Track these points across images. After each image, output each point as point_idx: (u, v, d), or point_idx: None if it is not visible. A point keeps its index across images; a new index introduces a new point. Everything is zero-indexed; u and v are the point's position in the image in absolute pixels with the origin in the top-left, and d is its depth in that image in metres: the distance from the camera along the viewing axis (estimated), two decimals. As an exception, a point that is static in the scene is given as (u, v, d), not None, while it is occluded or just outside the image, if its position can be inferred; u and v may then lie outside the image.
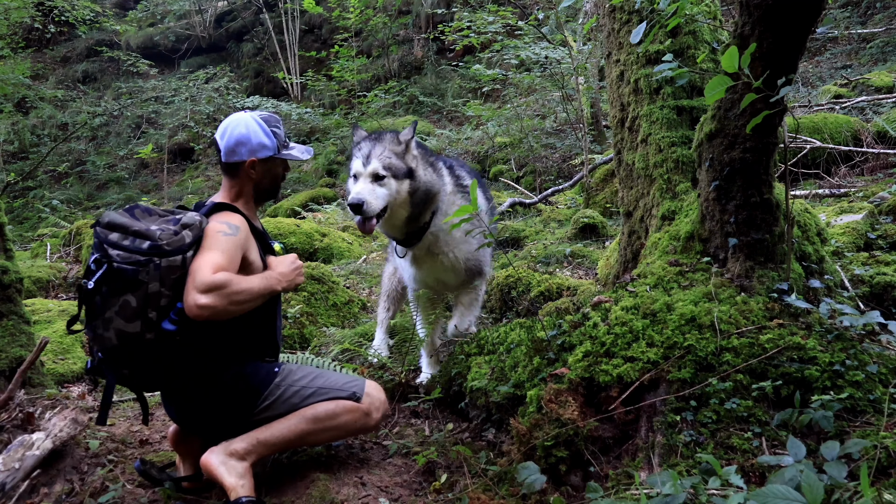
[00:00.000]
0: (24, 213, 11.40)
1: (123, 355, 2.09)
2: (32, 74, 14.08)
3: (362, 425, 2.33)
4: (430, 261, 2.93)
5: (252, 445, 2.19)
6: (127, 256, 2.05)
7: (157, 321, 2.06)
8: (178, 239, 2.08)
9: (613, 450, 2.10)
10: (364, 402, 2.31)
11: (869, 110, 6.86)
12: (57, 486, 2.37)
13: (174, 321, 2.07)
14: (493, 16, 8.58)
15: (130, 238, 2.08)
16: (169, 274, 2.05)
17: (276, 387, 2.28)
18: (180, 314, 2.07)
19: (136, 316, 2.04)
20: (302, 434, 2.25)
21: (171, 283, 2.06)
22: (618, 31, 3.12)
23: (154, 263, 2.04)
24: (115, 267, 2.04)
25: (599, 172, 6.74)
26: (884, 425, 1.80)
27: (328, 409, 2.27)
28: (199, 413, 2.27)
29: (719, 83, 1.83)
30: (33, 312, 4.26)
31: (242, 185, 2.40)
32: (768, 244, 2.32)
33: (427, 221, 2.84)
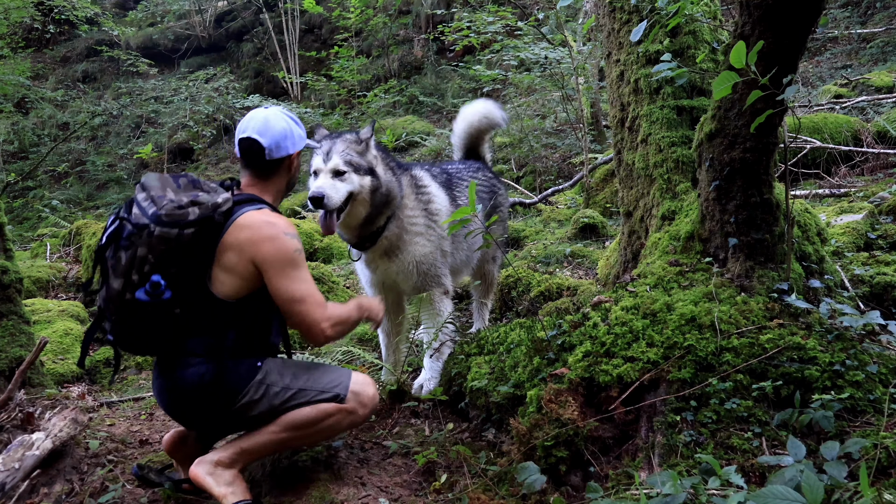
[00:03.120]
0: (24, 213, 11.40)
1: (108, 309, 2.14)
2: (32, 74, 14.07)
3: (349, 423, 2.30)
4: (383, 264, 2.94)
5: (236, 454, 2.19)
6: (136, 217, 2.11)
7: (136, 286, 2.09)
8: (180, 213, 2.09)
9: (613, 450, 2.10)
10: (349, 401, 2.25)
11: (869, 110, 6.85)
12: (57, 486, 2.37)
13: (148, 293, 2.09)
14: (493, 16, 8.57)
15: (148, 202, 2.13)
16: (159, 244, 2.07)
17: (257, 385, 2.20)
18: (155, 288, 2.09)
19: (122, 274, 2.09)
20: (284, 441, 2.23)
21: (158, 252, 2.07)
22: (618, 31, 3.12)
23: (149, 230, 2.07)
24: (123, 224, 2.13)
25: (599, 172, 6.74)
26: (884, 425, 1.81)
27: (308, 415, 2.21)
28: (177, 395, 2.21)
29: (727, 79, 1.82)
30: (33, 312, 4.26)
31: (280, 182, 2.38)
32: (768, 244, 2.32)
33: (382, 226, 2.84)
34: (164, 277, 2.09)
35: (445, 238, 3.02)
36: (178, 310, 2.13)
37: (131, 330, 2.15)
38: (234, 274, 2.16)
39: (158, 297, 2.09)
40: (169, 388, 2.21)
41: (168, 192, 2.15)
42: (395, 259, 2.92)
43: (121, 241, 2.11)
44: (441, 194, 3.11)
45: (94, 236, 5.49)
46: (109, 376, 3.92)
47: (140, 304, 2.09)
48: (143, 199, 2.14)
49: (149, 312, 2.10)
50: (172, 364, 2.19)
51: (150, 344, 2.20)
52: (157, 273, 2.08)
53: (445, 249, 3.05)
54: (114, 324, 2.15)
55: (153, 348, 2.22)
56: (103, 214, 11.26)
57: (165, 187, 2.18)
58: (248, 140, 2.28)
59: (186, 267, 2.11)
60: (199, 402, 2.19)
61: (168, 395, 2.23)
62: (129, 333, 2.17)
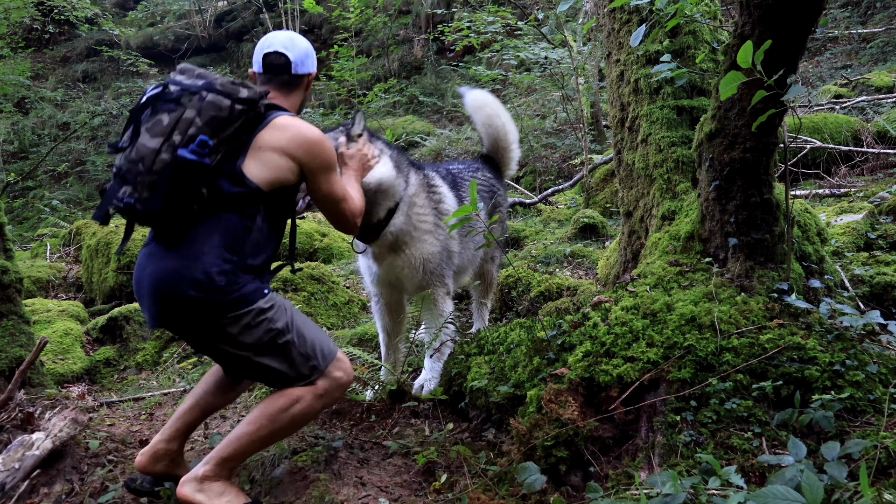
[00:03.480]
0: (24, 213, 11.40)
1: (133, 172, 2.06)
2: (32, 74, 14.07)
3: (322, 406, 2.26)
4: (390, 258, 2.93)
5: (218, 464, 2.15)
6: (180, 86, 2.12)
7: (176, 146, 2.04)
8: (232, 87, 2.11)
9: (613, 450, 2.10)
10: (319, 383, 2.19)
11: (869, 110, 6.86)
12: (57, 486, 2.37)
13: (195, 151, 2.05)
14: (493, 16, 8.58)
15: (193, 78, 2.16)
16: (209, 109, 2.07)
17: (257, 311, 2.13)
18: (202, 146, 2.06)
19: (162, 133, 2.05)
20: (260, 435, 2.17)
21: (207, 117, 2.07)
22: (618, 31, 3.12)
23: (200, 95, 2.08)
24: (165, 90, 2.13)
25: (599, 172, 6.74)
26: (884, 425, 1.81)
27: (278, 403, 2.16)
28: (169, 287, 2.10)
29: (733, 79, 1.82)
30: (33, 312, 4.26)
31: (298, 99, 2.40)
32: (768, 244, 2.32)
33: (382, 219, 2.82)
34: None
35: (454, 238, 3.03)
36: (206, 189, 2.09)
37: (154, 192, 2.05)
38: (267, 168, 2.15)
39: (204, 156, 2.04)
40: (162, 276, 2.11)
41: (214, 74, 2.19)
42: (402, 255, 2.91)
43: (165, 102, 2.10)
44: (450, 195, 3.10)
45: (94, 236, 5.50)
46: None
47: (177, 164, 2.03)
48: (187, 78, 2.16)
49: (186, 173, 2.04)
50: (176, 252, 2.11)
51: (165, 214, 2.08)
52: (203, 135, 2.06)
53: (453, 249, 3.05)
54: (136, 185, 2.06)
55: (165, 220, 2.10)
56: (103, 214, 11.25)
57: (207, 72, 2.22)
58: (274, 54, 2.33)
59: (227, 141, 2.10)
60: (189, 303, 2.09)
61: (157, 283, 2.11)
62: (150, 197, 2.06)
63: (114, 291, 5.09)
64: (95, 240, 5.40)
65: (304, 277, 4.41)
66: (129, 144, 2.09)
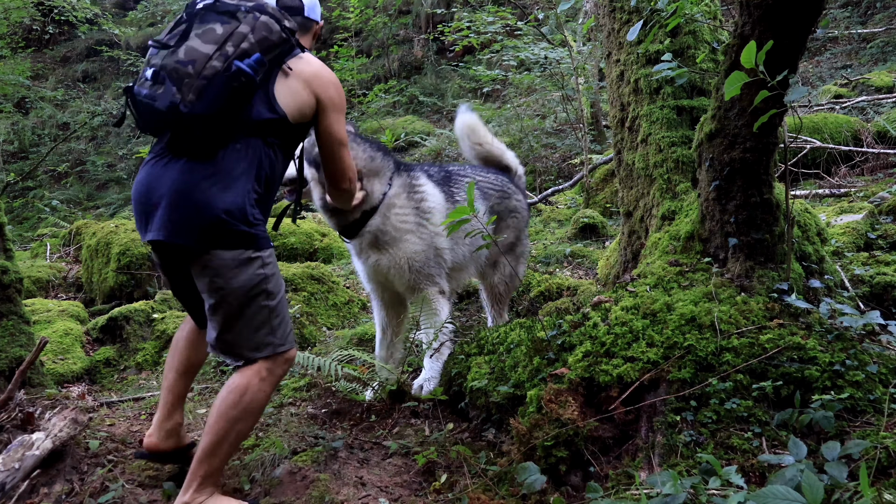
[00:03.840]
0: (24, 213, 11.39)
1: (181, 73, 2.04)
2: (32, 74, 14.06)
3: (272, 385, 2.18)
4: (374, 255, 2.96)
5: (202, 479, 2.08)
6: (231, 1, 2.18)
7: (230, 56, 2.06)
8: (280, 14, 2.22)
9: (613, 450, 2.10)
10: (260, 365, 2.13)
11: (869, 110, 6.86)
12: (57, 486, 2.37)
13: (251, 66, 2.08)
14: (493, 16, 8.57)
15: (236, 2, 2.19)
16: (262, 29, 2.12)
17: (261, 261, 2.13)
18: (259, 63, 2.10)
19: (216, 41, 2.07)
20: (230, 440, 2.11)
21: (259, 37, 2.11)
22: (618, 31, 3.12)
23: (255, 14, 2.14)
24: (219, 3, 2.16)
25: (599, 172, 6.74)
26: (884, 425, 1.81)
27: (228, 403, 2.10)
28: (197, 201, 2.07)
29: (736, 79, 1.82)
30: (33, 312, 4.26)
31: (309, 46, 2.49)
32: (768, 244, 2.32)
33: (357, 219, 2.87)
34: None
35: (440, 235, 2.99)
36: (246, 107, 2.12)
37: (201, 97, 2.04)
38: (293, 97, 2.19)
39: (258, 72, 2.09)
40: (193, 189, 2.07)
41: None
42: (385, 253, 2.93)
43: (219, 13, 2.14)
44: (436, 192, 3.08)
45: (94, 236, 5.50)
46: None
47: (232, 74, 2.04)
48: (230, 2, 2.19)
49: (239, 84, 2.06)
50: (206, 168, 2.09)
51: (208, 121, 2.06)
52: (258, 53, 2.10)
53: (441, 247, 3.01)
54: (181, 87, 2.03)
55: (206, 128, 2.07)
56: (103, 214, 11.26)
57: None
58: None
59: (269, 64, 2.14)
60: (214, 224, 2.06)
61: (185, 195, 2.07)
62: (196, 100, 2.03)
63: (114, 291, 5.10)
64: (95, 240, 5.40)
65: (304, 277, 4.41)
66: (175, 46, 2.09)
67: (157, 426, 2.40)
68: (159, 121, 2.12)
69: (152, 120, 2.14)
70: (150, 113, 2.10)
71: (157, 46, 2.13)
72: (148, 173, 2.17)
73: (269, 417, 2.91)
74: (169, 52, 2.08)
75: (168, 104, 2.03)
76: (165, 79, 2.05)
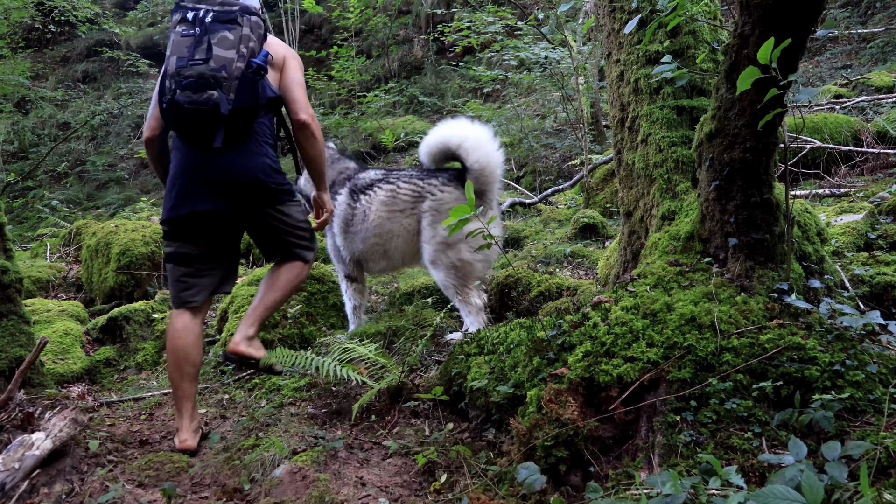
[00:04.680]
0: (24, 213, 11.39)
1: (219, 77, 2.57)
2: (32, 74, 14.05)
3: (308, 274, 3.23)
4: None
5: (257, 326, 2.90)
6: (223, 10, 2.67)
7: (245, 56, 2.63)
8: (257, 8, 2.79)
9: (613, 450, 2.10)
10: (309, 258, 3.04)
11: (869, 110, 6.86)
12: (57, 486, 2.37)
13: (263, 60, 2.68)
14: (493, 16, 8.57)
15: (219, 4, 2.70)
16: (256, 27, 2.70)
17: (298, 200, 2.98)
18: (265, 57, 2.71)
19: (233, 46, 2.61)
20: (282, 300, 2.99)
21: (257, 35, 2.70)
22: (618, 31, 3.12)
23: (248, 16, 2.68)
24: (216, 13, 2.65)
25: (599, 172, 6.74)
26: (884, 425, 1.80)
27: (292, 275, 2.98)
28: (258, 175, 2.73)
29: (750, 75, 1.82)
30: (33, 312, 4.26)
31: None
32: (768, 244, 2.32)
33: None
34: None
35: (337, 235, 3.90)
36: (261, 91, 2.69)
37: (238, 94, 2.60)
38: (273, 77, 2.80)
39: (268, 64, 2.72)
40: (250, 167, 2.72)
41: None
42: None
43: (223, 22, 2.63)
44: (342, 200, 3.86)
45: (94, 236, 5.49)
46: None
47: (254, 70, 2.63)
48: (209, 4, 2.68)
49: (259, 77, 2.66)
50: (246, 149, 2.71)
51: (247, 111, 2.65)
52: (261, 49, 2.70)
53: (337, 244, 3.93)
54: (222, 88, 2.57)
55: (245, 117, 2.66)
56: (103, 214, 11.26)
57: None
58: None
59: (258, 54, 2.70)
60: (273, 188, 2.79)
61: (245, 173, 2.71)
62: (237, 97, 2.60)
63: (114, 291, 5.09)
64: (95, 240, 5.40)
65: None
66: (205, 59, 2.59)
67: (187, 431, 2.73)
68: (211, 120, 2.60)
69: (202, 121, 2.61)
70: (200, 115, 2.58)
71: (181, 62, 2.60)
72: (191, 164, 2.72)
73: (269, 417, 2.91)
74: (198, 63, 2.57)
75: (217, 104, 2.56)
76: (206, 86, 2.56)
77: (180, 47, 2.61)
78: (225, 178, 2.68)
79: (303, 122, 2.82)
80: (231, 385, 3.53)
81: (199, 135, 2.65)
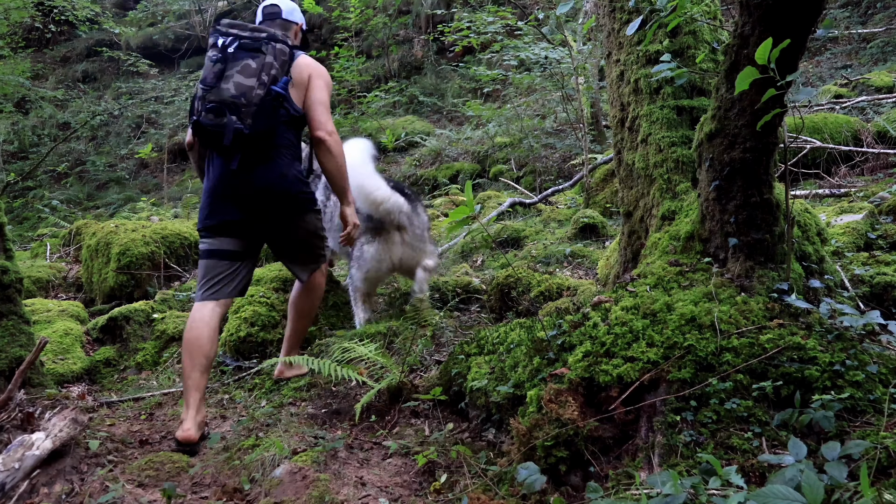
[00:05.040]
0: (24, 213, 11.39)
1: (237, 104, 2.80)
2: (32, 74, 14.04)
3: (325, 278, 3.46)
4: None
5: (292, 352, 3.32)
6: (251, 37, 2.91)
7: (266, 83, 2.84)
8: (283, 36, 2.99)
9: (613, 450, 2.10)
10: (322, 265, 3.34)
11: (869, 110, 6.85)
12: (57, 486, 2.37)
13: (283, 87, 2.91)
14: (493, 16, 8.56)
15: (249, 31, 2.95)
16: (280, 55, 2.92)
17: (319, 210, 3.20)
18: (285, 87, 2.92)
19: (254, 74, 2.83)
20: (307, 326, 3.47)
21: (280, 62, 2.92)
22: (618, 31, 3.11)
23: (272, 44, 2.91)
24: (243, 41, 2.89)
25: (599, 172, 6.74)
26: (884, 425, 1.80)
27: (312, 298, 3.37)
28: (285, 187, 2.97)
29: (748, 75, 1.82)
30: (33, 312, 4.26)
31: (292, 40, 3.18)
32: (768, 244, 2.32)
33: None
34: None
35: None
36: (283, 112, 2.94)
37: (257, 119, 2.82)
38: (297, 97, 2.99)
39: (286, 90, 2.92)
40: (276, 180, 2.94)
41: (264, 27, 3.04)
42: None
43: (247, 50, 2.87)
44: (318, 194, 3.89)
45: (94, 236, 5.49)
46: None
47: (273, 97, 2.85)
48: (240, 30, 2.93)
49: (277, 102, 2.89)
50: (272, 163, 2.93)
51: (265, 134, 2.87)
52: (283, 77, 2.92)
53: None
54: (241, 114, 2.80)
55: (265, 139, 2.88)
56: (103, 214, 11.25)
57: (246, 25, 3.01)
58: (270, 5, 3.24)
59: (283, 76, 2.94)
60: (299, 198, 3.03)
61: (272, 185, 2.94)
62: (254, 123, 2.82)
63: (114, 291, 5.09)
64: (95, 240, 5.40)
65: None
66: (216, 83, 2.83)
67: (191, 421, 2.76)
68: (231, 143, 2.83)
69: (221, 142, 2.84)
70: (219, 137, 2.83)
71: (206, 87, 2.84)
72: (223, 177, 2.95)
73: (269, 417, 2.91)
74: (219, 89, 2.82)
75: (235, 130, 2.81)
76: (226, 111, 2.81)
77: (209, 72, 2.87)
78: (250, 192, 2.93)
79: (319, 139, 2.99)
80: (231, 385, 3.53)
81: (223, 153, 2.91)
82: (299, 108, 2.98)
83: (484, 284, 4.43)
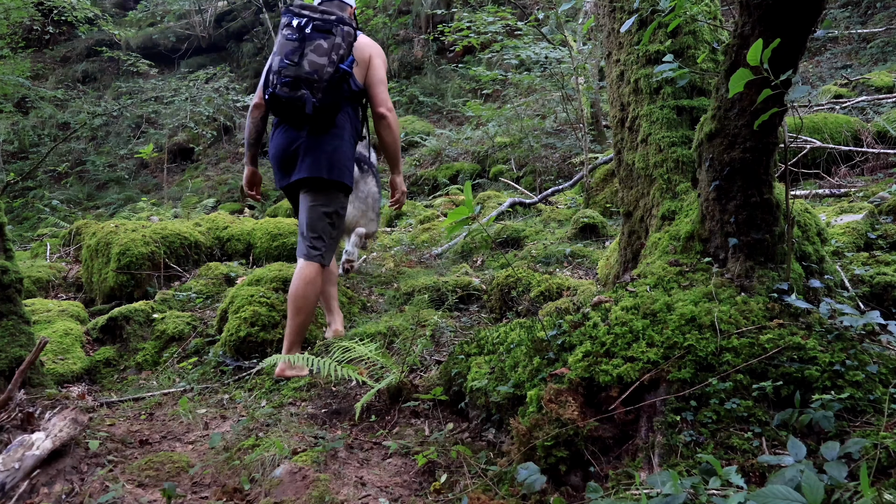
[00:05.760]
0: (24, 213, 11.39)
1: (311, 80, 3.17)
2: (32, 74, 14.05)
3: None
4: None
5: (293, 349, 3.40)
6: (322, 19, 3.23)
7: (336, 61, 3.20)
8: (350, 19, 3.33)
9: (613, 450, 2.10)
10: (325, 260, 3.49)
11: (869, 110, 6.85)
12: (57, 486, 2.37)
13: (349, 66, 3.25)
14: (493, 16, 8.56)
15: (319, 13, 3.25)
16: (347, 36, 3.27)
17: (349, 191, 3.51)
18: (350, 66, 3.26)
19: (325, 54, 3.19)
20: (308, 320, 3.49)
21: (347, 43, 3.26)
22: (618, 31, 3.11)
23: (341, 26, 3.25)
24: (316, 23, 3.22)
25: (599, 172, 6.74)
26: (884, 425, 1.80)
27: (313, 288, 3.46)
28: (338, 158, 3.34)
29: (742, 77, 1.82)
30: (33, 312, 4.26)
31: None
32: (768, 244, 2.32)
33: None
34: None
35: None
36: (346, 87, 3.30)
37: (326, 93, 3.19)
38: (360, 73, 3.38)
39: (352, 68, 3.27)
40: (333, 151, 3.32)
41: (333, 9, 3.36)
42: None
43: (320, 31, 3.20)
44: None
45: (94, 236, 5.49)
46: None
47: (341, 74, 3.21)
48: (312, 12, 3.24)
49: (343, 78, 3.24)
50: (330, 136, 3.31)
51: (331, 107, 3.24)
52: (349, 56, 3.26)
53: None
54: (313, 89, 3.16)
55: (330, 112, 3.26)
56: (103, 214, 11.26)
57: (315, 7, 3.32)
58: None
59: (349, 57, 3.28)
60: (347, 171, 3.39)
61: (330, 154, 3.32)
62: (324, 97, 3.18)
63: (114, 291, 5.09)
64: (95, 240, 5.40)
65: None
66: (298, 61, 3.17)
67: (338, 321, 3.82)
68: (303, 113, 3.20)
69: (295, 112, 3.22)
70: (294, 108, 3.20)
71: (286, 63, 3.18)
72: (286, 139, 3.35)
73: (269, 417, 2.91)
74: (296, 65, 3.16)
75: (309, 102, 3.17)
76: (302, 85, 3.16)
77: (284, 49, 3.19)
78: (312, 156, 3.31)
79: (381, 115, 3.41)
80: (231, 385, 3.53)
81: (291, 122, 3.29)
82: (360, 83, 3.38)
83: (484, 284, 4.43)
